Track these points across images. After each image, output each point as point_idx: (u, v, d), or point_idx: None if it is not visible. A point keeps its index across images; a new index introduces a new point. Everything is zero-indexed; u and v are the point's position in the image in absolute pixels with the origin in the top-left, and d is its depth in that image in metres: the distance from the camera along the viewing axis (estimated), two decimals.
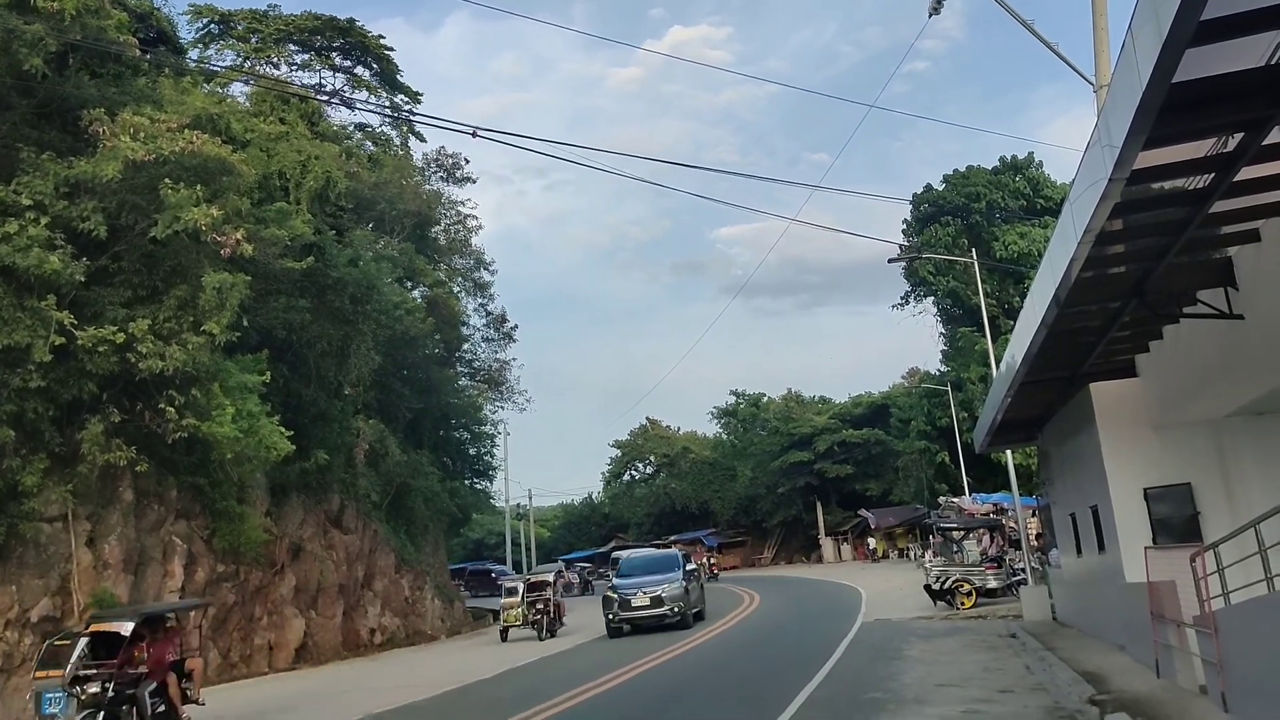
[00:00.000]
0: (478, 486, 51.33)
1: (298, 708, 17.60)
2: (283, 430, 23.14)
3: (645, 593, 25.71)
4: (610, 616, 25.83)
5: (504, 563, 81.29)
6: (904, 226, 56.52)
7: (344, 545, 30.39)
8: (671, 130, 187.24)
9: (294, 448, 23.74)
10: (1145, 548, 13.39)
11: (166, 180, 18.97)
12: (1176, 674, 11.17)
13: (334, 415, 29.63)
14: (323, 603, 28.46)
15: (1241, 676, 9.05)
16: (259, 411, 23.14)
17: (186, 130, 19.98)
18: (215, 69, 33.06)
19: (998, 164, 54.77)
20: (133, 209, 19.61)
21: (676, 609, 25.46)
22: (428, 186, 45.53)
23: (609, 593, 26.60)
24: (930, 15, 19.10)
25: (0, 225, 17.91)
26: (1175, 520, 15.03)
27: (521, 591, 29.08)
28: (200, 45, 36.10)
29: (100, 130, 19.22)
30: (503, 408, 54.32)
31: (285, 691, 20.50)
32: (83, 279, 19.02)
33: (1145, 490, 15.30)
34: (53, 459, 19.86)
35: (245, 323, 22.21)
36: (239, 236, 19.83)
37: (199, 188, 19.38)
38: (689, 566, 28.92)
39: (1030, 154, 54.75)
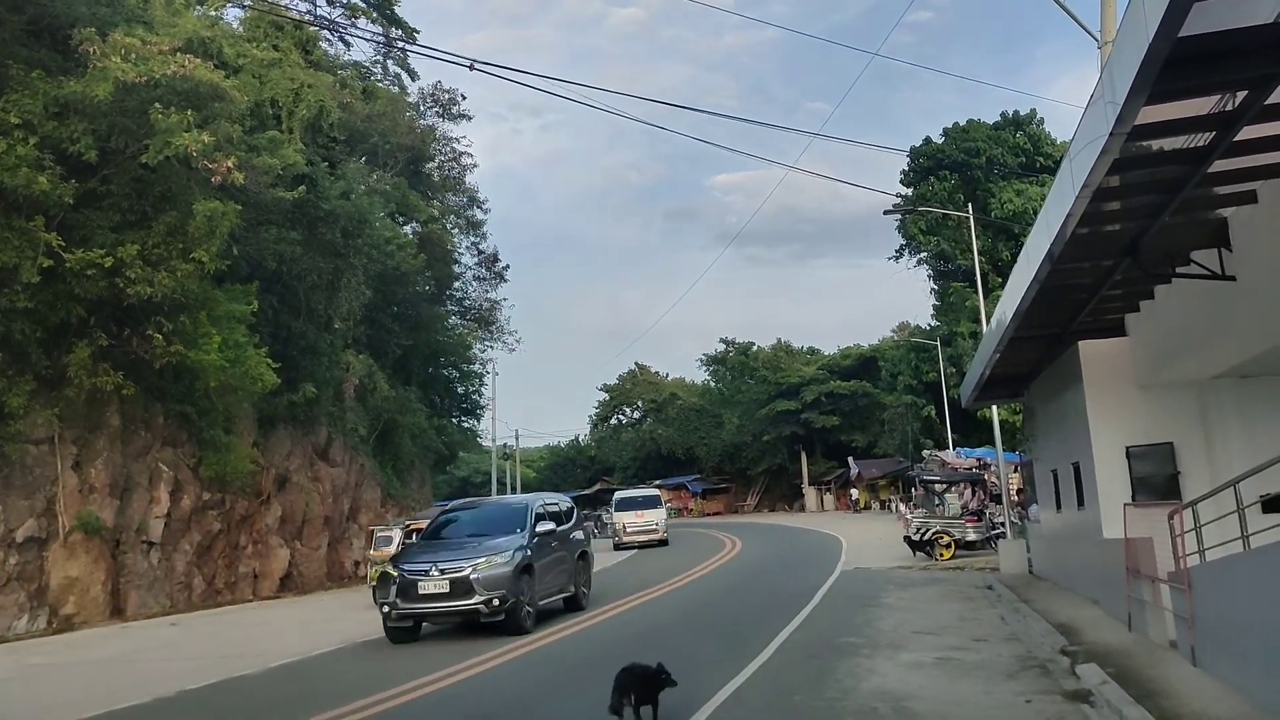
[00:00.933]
0: (465, 425, 51.45)
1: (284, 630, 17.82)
2: (270, 362, 23.12)
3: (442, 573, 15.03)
4: (386, 610, 15.20)
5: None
6: (901, 178, 56.22)
7: (330, 478, 30.53)
8: (670, 74, 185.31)
9: (279, 380, 23.74)
10: (1124, 505, 13.55)
11: (157, 104, 18.72)
12: (1148, 628, 11.37)
13: (323, 349, 29.59)
14: (308, 534, 28.66)
15: (1211, 632, 9.22)
16: (246, 342, 23.10)
17: (178, 53, 19.66)
18: None
19: (999, 119, 54.32)
20: (123, 132, 19.37)
21: (496, 600, 14.86)
22: (422, 122, 45.01)
23: (388, 569, 16.38)
24: None
25: None
26: (1156, 479, 15.21)
27: (398, 542, 20.56)
28: None
29: (91, 50, 18.89)
30: (492, 347, 54.29)
31: (268, 617, 20.73)
32: (71, 201, 18.85)
33: (1128, 448, 15.47)
34: (39, 381, 19.84)
35: (235, 252, 22.10)
36: (230, 164, 19.64)
37: (190, 113, 19.14)
38: (553, 526, 17.29)
39: (1032, 110, 54.35)
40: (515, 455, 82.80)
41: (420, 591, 14.86)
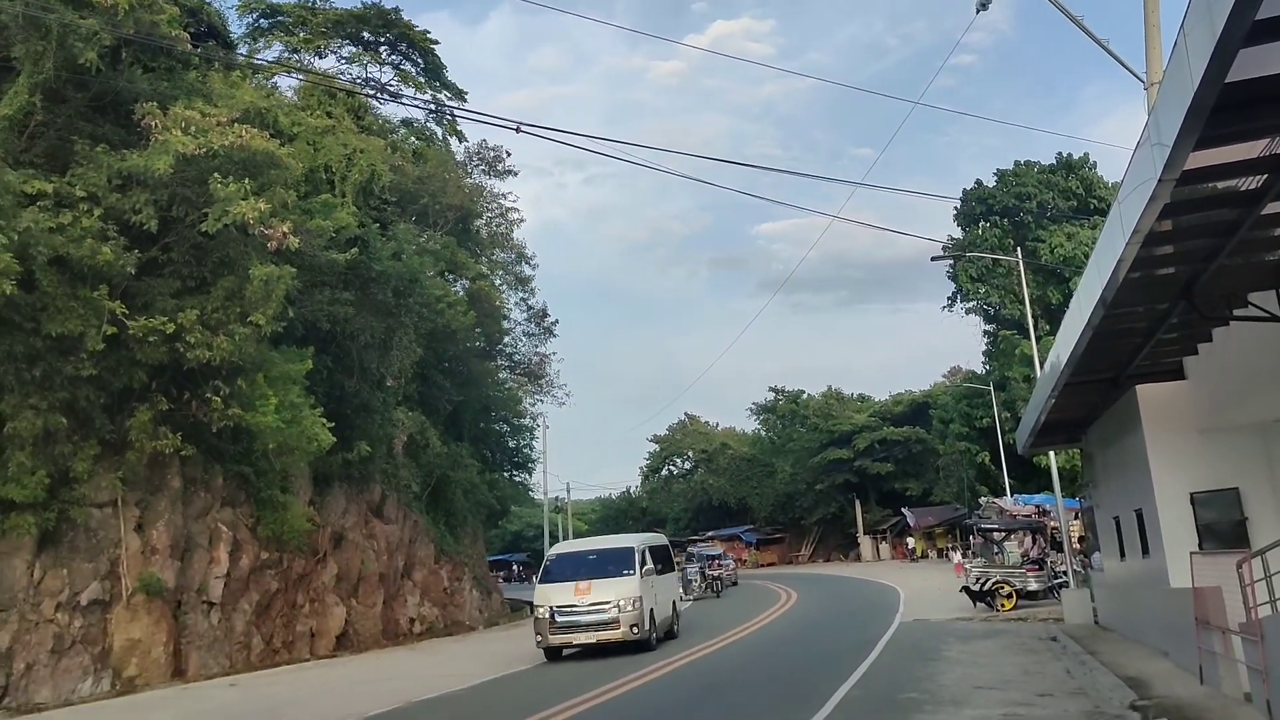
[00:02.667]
0: (516, 479, 51.63)
1: (335, 690, 17.86)
2: (324, 422, 23.44)
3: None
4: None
5: (541, 556, 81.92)
6: (954, 216, 55.94)
7: (385, 535, 30.74)
8: (713, 124, 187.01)
9: (334, 440, 24.05)
10: (1190, 553, 13.21)
11: (216, 174, 19.29)
12: (1220, 681, 11.01)
13: (376, 406, 29.96)
14: (363, 591, 28.81)
15: None
16: (302, 402, 23.47)
17: (235, 124, 20.28)
18: (264, 63, 33.49)
19: (1053, 161, 53.92)
20: (183, 202, 19.96)
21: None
22: (470, 180, 45.81)
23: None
24: (978, 11, 18.91)
25: (55, 216, 18.28)
26: (1222, 525, 14.80)
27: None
28: (250, 39, 36.59)
29: (152, 123, 19.57)
30: (542, 401, 54.58)
31: (328, 677, 20.79)
32: (134, 270, 19.39)
33: (1191, 495, 15.08)
34: (103, 446, 20.29)
35: (290, 314, 22.53)
36: (285, 229, 20.11)
37: (247, 181, 19.68)
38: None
39: (1085, 154, 53.82)
40: (567, 508, 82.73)
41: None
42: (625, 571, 20.61)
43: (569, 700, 14.06)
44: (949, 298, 58.25)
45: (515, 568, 78.97)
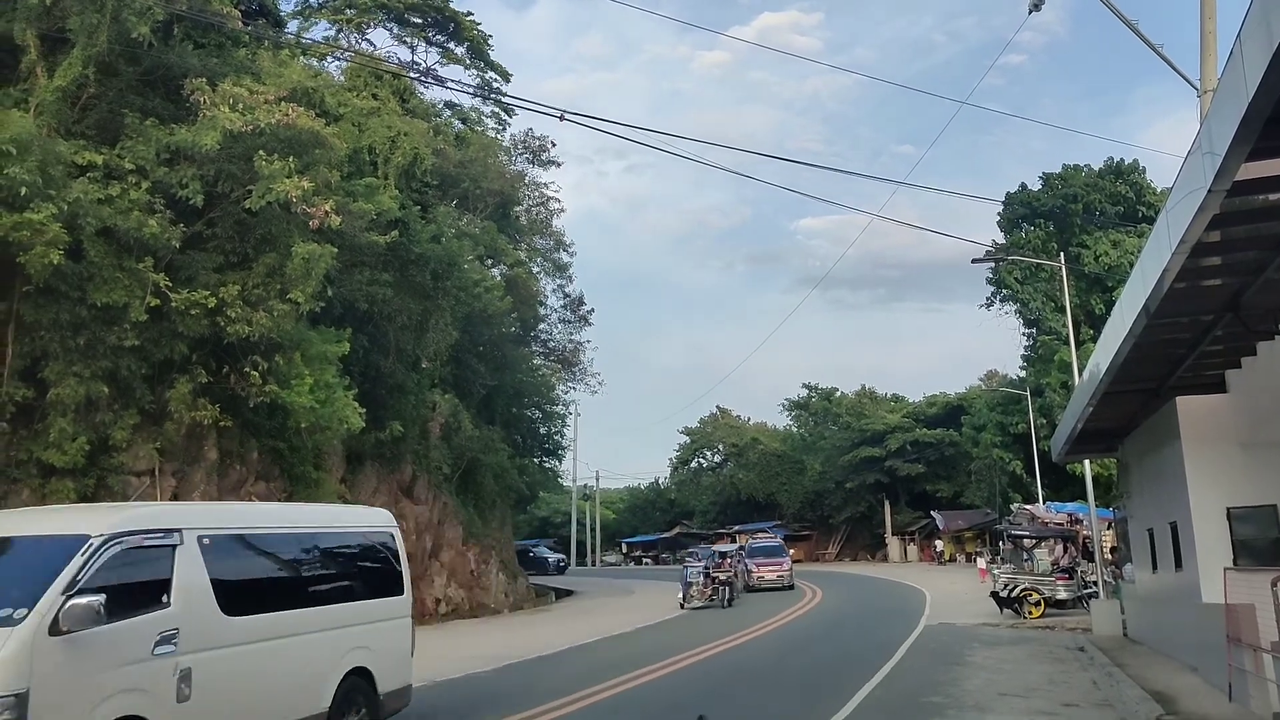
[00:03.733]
0: (546, 465, 51.83)
1: None
2: (357, 405, 23.64)
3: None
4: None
5: (569, 541, 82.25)
6: (998, 220, 55.42)
7: (414, 515, 30.98)
8: (756, 117, 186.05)
9: (363, 424, 24.25)
10: (1225, 569, 13.02)
11: (261, 152, 19.47)
12: (1250, 699, 10.86)
13: (410, 388, 30.17)
14: None
15: None
16: (336, 383, 23.68)
17: (283, 103, 20.45)
18: (312, 41, 33.75)
19: (1102, 166, 53.20)
20: (228, 178, 20.17)
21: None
22: (513, 167, 45.95)
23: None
24: (1031, 11, 18.70)
25: (104, 188, 18.55)
26: (1259, 542, 14.57)
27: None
28: (299, 17, 36.91)
29: (201, 100, 19.77)
30: (575, 388, 54.78)
31: None
32: (178, 243, 19.65)
33: (1229, 509, 14.84)
34: (142, 415, 20.57)
35: (329, 293, 22.72)
36: (328, 209, 20.27)
37: (292, 160, 19.84)
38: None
39: (1135, 160, 53.10)
40: (595, 496, 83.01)
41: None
42: None
43: (593, 686, 14.14)
44: (987, 298, 57.78)
45: (529, 554, 68.38)
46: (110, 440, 19.91)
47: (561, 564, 67.98)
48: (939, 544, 65.33)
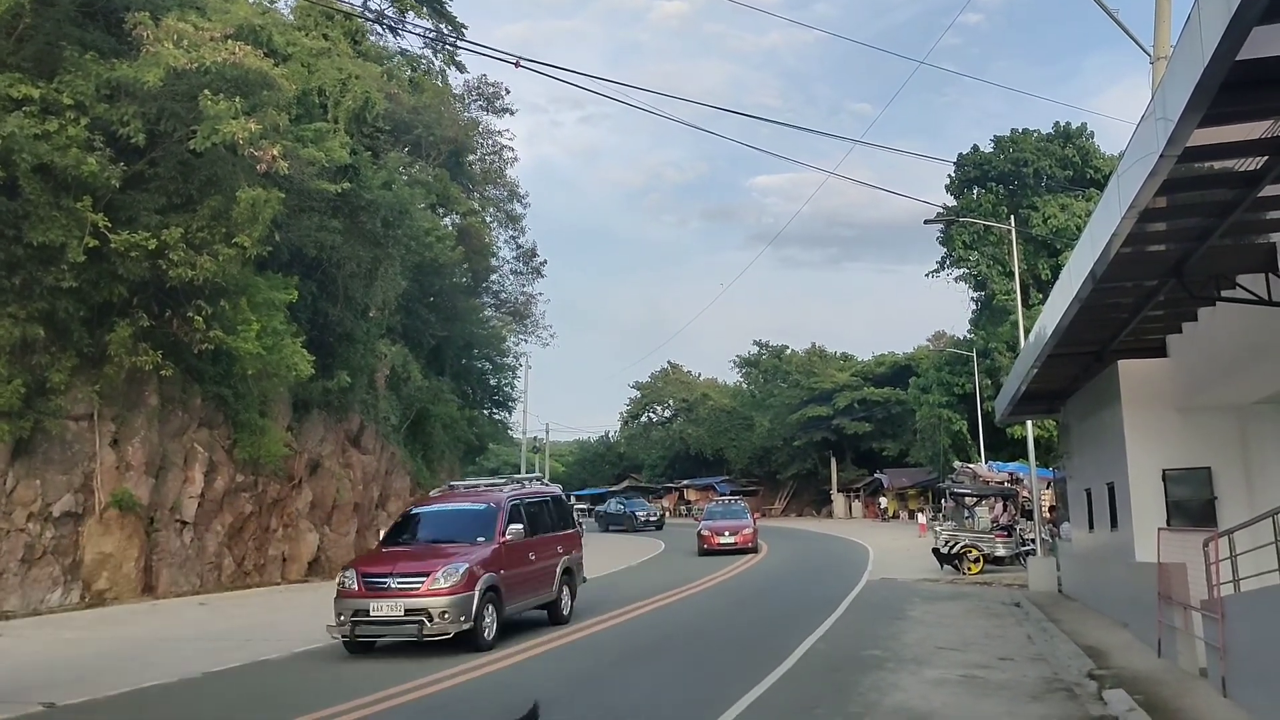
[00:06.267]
0: (496, 417, 51.65)
1: (305, 613, 17.98)
2: (305, 352, 23.32)
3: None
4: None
5: None
6: (947, 184, 55.67)
7: (361, 465, 30.77)
8: (712, 70, 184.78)
9: (313, 371, 23.94)
10: (1159, 528, 13.36)
11: (206, 91, 18.93)
12: (1178, 655, 11.20)
13: (359, 336, 29.83)
14: (337, 519, 28.91)
15: (1243, 663, 9.07)
16: (284, 329, 23.33)
17: (229, 40, 19.87)
18: None
19: (1050, 131, 53.59)
20: (171, 117, 19.62)
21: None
22: (466, 114, 45.22)
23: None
24: None
25: (41, 123, 17.95)
26: (1192, 503, 14.99)
27: None
28: None
29: (144, 34, 19.13)
30: (526, 340, 54.51)
31: (298, 600, 20.91)
32: (118, 183, 19.11)
33: (1164, 471, 15.24)
34: (81, 359, 20.16)
35: (276, 238, 22.29)
36: (275, 153, 19.83)
37: (238, 100, 19.33)
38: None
39: (1084, 124, 53.48)
40: (545, 449, 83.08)
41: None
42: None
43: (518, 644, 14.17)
44: (938, 262, 58.16)
45: None
46: (47, 383, 19.51)
47: None
48: (883, 501, 66.46)
